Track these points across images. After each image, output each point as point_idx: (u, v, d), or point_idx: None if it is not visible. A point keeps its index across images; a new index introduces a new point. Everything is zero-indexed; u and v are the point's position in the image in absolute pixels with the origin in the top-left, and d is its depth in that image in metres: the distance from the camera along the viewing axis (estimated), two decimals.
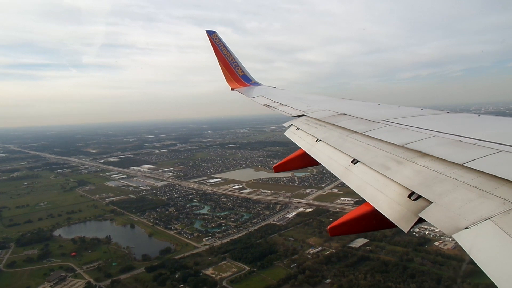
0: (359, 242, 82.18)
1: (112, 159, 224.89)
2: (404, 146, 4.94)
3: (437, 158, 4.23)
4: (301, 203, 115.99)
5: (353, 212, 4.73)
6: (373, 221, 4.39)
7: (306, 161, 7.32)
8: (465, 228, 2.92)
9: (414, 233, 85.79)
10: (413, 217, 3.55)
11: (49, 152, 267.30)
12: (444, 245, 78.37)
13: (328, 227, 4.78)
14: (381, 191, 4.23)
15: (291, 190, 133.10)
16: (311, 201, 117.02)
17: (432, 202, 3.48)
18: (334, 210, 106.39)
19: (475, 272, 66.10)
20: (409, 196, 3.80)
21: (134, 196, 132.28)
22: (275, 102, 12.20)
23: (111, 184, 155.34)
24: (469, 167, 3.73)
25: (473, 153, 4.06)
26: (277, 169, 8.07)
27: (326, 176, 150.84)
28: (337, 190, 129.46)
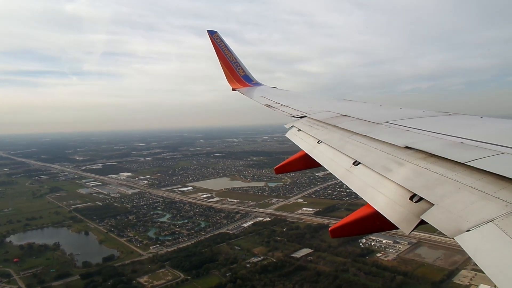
0: (302, 252, 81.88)
1: (94, 167, 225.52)
2: (406, 147, 4.89)
3: (439, 159, 4.18)
4: (262, 212, 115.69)
5: (354, 214, 4.63)
6: (374, 223, 4.30)
7: (307, 162, 7.18)
8: (467, 231, 2.87)
9: (361, 244, 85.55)
10: (414, 219, 3.51)
11: (35, 159, 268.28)
12: (386, 257, 77.92)
13: (330, 229, 4.71)
14: (382, 193, 4.19)
15: (257, 199, 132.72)
16: (272, 211, 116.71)
17: (433, 204, 3.44)
18: (291, 220, 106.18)
19: (405, 283, 65.74)
20: (411, 198, 3.75)
21: (100, 203, 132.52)
22: (276, 102, 12.01)
23: (82, 191, 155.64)
24: (471, 169, 3.67)
25: (475, 155, 3.97)
26: (278, 170, 7.99)
27: (297, 186, 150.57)
28: (302, 200, 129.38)
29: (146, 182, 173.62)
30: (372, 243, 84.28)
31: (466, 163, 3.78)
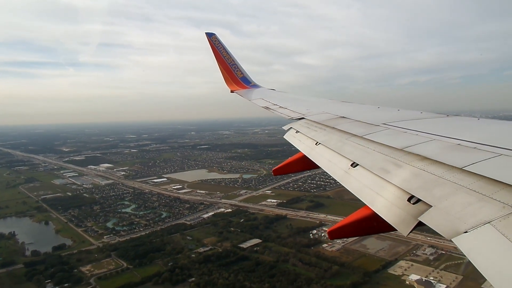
0: (251, 242, 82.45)
1: (77, 158, 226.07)
2: (404, 149, 4.90)
3: (437, 161, 4.19)
4: (226, 203, 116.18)
5: (353, 215, 4.67)
6: (372, 225, 4.33)
7: (305, 164, 7.24)
8: (465, 232, 2.88)
9: (310, 234, 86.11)
10: (412, 221, 3.52)
11: (22, 150, 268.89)
12: (331, 248, 78.42)
13: (328, 230, 4.76)
14: (380, 195, 4.21)
15: (226, 191, 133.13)
16: (236, 202, 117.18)
17: (431, 206, 3.44)
18: (252, 211, 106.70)
19: (338, 273, 66.25)
20: (409, 200, 3.77)
21: (70, 194, 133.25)
22: (274, 104, 12.08)
23: (57, 182, 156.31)
24: (468, 171, 3.69)
25: (472, 157, 4.02)
26: (277, 172, 8.04)
27: (270, 178, 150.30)
28: (270, 191, 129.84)
29: (123, 173, 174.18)
30: (322, 234, 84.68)
31: (463, 168, 3.78)
